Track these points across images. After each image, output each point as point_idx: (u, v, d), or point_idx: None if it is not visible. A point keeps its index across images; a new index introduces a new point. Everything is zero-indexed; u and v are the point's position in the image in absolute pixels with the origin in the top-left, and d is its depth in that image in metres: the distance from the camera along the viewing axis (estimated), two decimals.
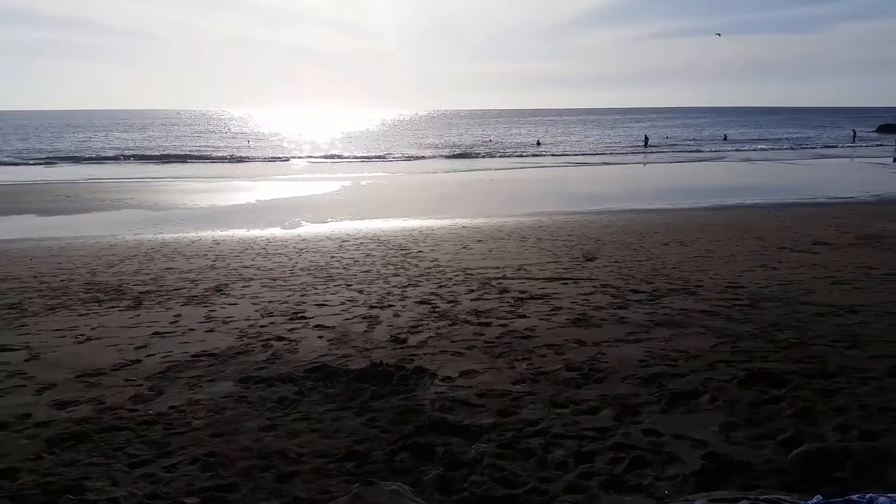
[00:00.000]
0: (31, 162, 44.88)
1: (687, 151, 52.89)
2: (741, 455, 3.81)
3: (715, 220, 16.41)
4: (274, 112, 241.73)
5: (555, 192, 26.05)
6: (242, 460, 3.97)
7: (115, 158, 47.55)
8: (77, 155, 50.29)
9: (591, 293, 8.39)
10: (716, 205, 20.49)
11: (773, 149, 54.34)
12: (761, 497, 3.14)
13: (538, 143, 63.77)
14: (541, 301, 8.02)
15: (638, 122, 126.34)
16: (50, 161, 45.27)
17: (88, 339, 6.87)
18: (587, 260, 10.91)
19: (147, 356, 6.21)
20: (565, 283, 9.05)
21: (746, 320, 6.93)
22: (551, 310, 7.56)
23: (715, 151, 52.18)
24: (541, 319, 7.14)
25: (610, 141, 68.17)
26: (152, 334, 6.96)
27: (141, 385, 5.40)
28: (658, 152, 52.47)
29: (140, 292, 9.09)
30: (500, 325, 6.93)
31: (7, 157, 48.11)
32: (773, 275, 9.31)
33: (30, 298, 8.84)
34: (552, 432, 4.20)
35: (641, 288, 8.63)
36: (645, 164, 42.83)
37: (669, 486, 3.55)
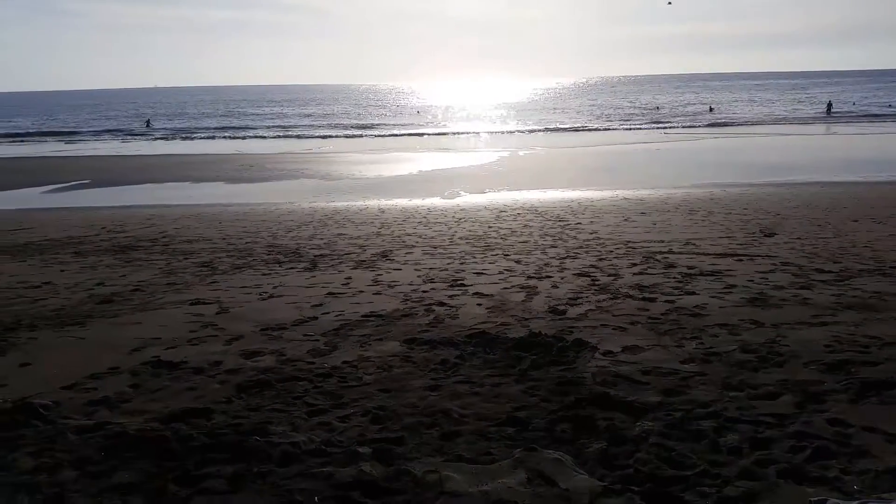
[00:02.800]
0: (219, 136, 49.26)
1: (882, 120, 47.25)
2: None
3: None
4: (435, 84, 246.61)
5: (728, 163, 24.45)
6: (409, 416, 4.13)
7: (288, 134, 50.76)
8: (257, 130, 54.47)
9: (770, 271, 7.79)
10: None
11: None
12: None
13: (711, 110, 60.02)
14: (712, 278, 7.57)
15: (838, 84, 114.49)
16: (234, 135, 49.37)
17: (271, 296, 7.46)
18: (765, 235, 10.14)
19: (322, 314, 6.62)
20: (740, 260, 8.47)
21: None
22: (724, 287, 7.11)
23: None
24: (712, 297, 6.73)
25: (790, 107, 62.63)
26: (326, 294, 7.42)
27: (317, 340, 5.77)
28: (845, 121, 47.25)
29: (315, 255, 9.72)
30: (667, 301, 6.63)
31: (201, 131, 53.18)
32: None
33: (219, 258, 9.74)
34: (725, 416, 3.95)
35: (827, 267, 7.88)
36: (829, 133, 38.94)
37: (859, 482, 3.24)
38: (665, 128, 45.91)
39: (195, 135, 49.66)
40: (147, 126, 57.13)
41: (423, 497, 3.20)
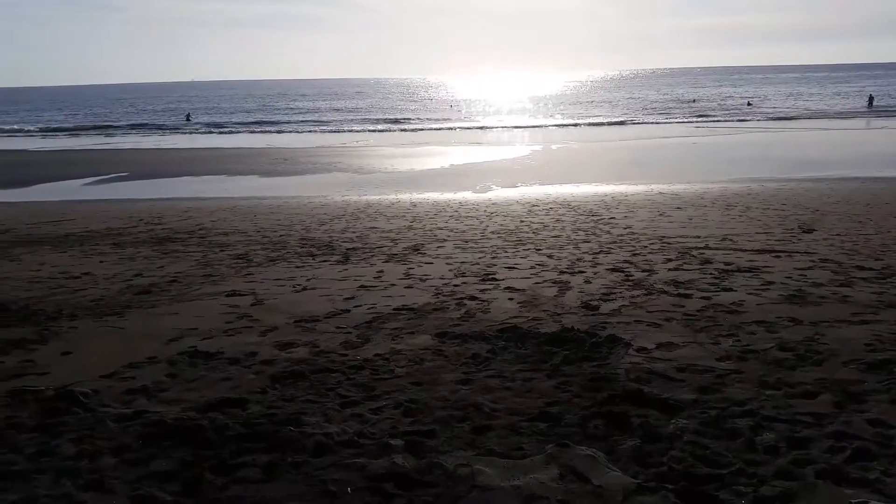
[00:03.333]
0: (254, 129, 49.80)
1: None
2: None
3: None
4: (468, 78, 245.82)
5: (765, 158, 23.98)
6: (440, 409, 4.14)
7: (321, 129, 51.03)
8: (291, 124, 54.94)
9: (809, 268, 7.63)
10: None
11: None
12: None
13: (748, 104, 58.89)
14: (749, 274, 7.44)
15: (880, 76, 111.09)
16: (268, 129, 49.83)
17: (304, 288, 7.53)
18: (804, 232, 9.93)
19: (355, 307, 6.67)
20: (778, 256, 8.31)
21: None
22: (761, 284, 6.98)
23: None
24: (749, 294, 6.62)
25: (830, 101, 61.11)
26: (359, 287, 7.47)
27: (350, 333, 5.82)
28: (887, 115, 45.79)
29: (348, 248, 9.79)
30: (703, 298, 6.53)
31: (236, 125, 53.85)
32: None
33: (254, 250, 9.86)
34: (762, 414, 3.89)
35: (868, 264, 7.69)
36: (871, 127, 37.90)
37: None
38: (701, 121, 45.17)
39: (230, 128, 50.25)
40: (187, 120, 58.07)
41: (456, 490, 3.21)
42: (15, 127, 55.03)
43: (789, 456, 3.43)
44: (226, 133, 47.02)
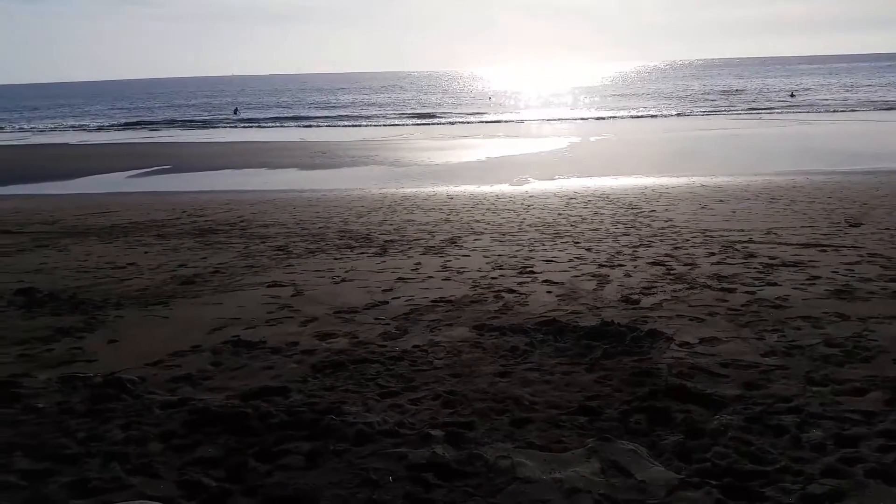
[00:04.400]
0: (293, 124, 50.33)
1: None
2: None
3: None
4: (509, 70, 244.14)
5: (811, 150, 23.38)
6: (479, 401, 4.14)
7: (359, 123, 51.32)
8: (329, 118, 55.37)
9: (857, 263, 7.42)
10: None
11: None
12: None
13: (792, 95, 57.46)
14: (794, 268, 7.27)
15: None
16: (308, 124, 50.28)
17: (343, 280, 7.60)
18: (851, 225, 9.66)
19: (393, 299, 6.71)
20: (824, 251, 8.10)
21: None
22: (807, 279, 6.82)
23: None
24: (795, 289, 6.46)
25: (878, 91, 59.20)
26: (396, 279, 7.50)
27: (388, 324, 5.86)
28: None
29: (385, 241, 9.84)
30: (747, 293, 6.40)
31: (275, 119, 54.47)
32: None
33: (294, 242, 9.98)
34: (808, 411, 3.80)
35: None
36: None
37: None
38: (744, 112, 44.23)
39: (270, 123, 50.82)
40: (235, 114, 58.92)
41: (496, 482, 3.21)
42: (57, 121, 56.53)
43: (837, 454, 3.35)
44: (265, 127, 47.57)
